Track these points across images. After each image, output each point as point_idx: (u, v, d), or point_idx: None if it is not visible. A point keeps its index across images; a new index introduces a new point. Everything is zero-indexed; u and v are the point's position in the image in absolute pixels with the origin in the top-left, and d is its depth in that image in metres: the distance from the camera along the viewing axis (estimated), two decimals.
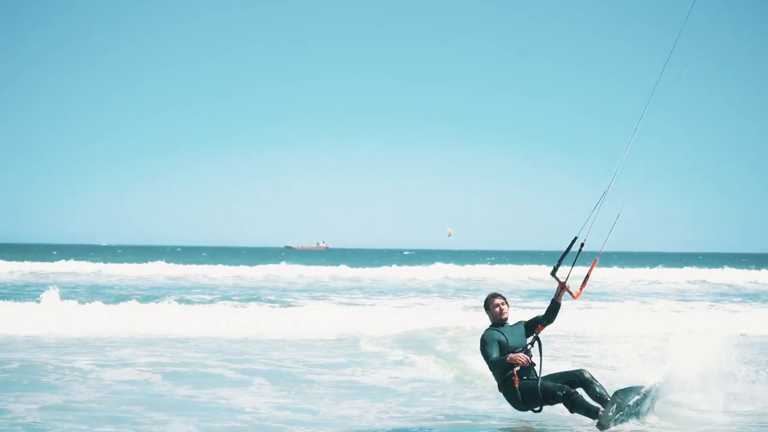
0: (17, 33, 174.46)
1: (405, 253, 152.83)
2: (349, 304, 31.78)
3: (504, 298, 10.26)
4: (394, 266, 61.02)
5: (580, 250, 10.16)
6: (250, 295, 35.28)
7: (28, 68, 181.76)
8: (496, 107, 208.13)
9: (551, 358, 17.11)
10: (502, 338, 9.93)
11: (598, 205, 10.21)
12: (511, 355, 9.71)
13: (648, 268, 62.96)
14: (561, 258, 10.14)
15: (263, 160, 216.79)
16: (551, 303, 10.12)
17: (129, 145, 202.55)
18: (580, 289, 9.99)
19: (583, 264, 10.23)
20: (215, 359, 16.63)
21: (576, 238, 10.17)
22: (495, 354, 9.81)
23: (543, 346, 10.10)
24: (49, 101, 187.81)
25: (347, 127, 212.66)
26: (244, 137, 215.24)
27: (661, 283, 53.96)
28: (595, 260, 10.17)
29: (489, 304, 10.24)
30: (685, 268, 64.73)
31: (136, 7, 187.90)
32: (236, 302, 30.42)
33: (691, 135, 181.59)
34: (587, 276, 10.17)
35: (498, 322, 10.13)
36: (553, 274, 10.10)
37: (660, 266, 65.37)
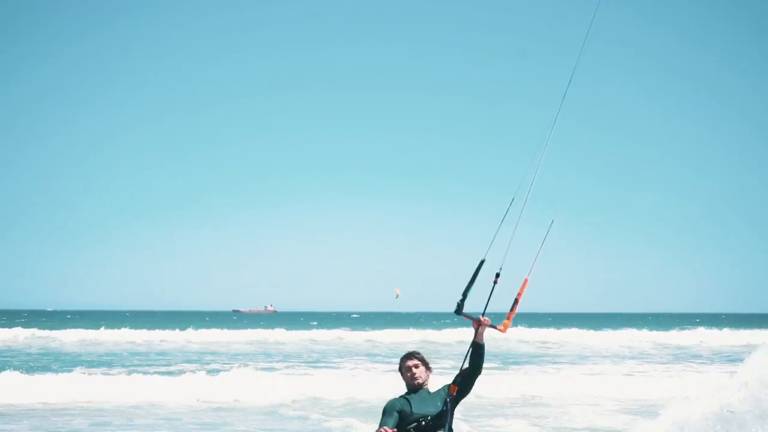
0: None
1: (353, 316, 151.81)
2: (305, 366, 31.43)
3: (420, 359, 8.16)
4: (348, 329, 60.68)
5: (495, 282, 7.93)
6: (207, 360, 34.77)
7: None
8: (441, 165, 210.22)
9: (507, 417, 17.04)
10: (405, 407, 7.88)
11: (504, 218, 7.98)
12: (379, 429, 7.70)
13: (595, 330, 63.18)
14: (466, 290, 7.88)
15: (208, 226, 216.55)
16: (471, 346, 7.91)
17: (72, 213, 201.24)
18: (508, 318, 7.84)
19: (502, 299, 8.03)
20: (165, 428, 16.27)
21: (483, 261, 7.99)
22: (388, 425, 7.75)
23: (455, 411, 7.99)
24: None
25: (291, 189, 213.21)
26: (189, 204, 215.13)
27: (611, 344, 54.02)
28: (525, 280, 7.99)
29: (401, 366, 8.16)
30: (629, 329, 64.95)
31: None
32: (195, 367, 29.83)
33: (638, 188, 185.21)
34: (516, 301, 7.96)
35: (412, 388, 8.06)
36: (458, 312, 7.83)
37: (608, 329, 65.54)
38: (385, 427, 7.56)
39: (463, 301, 7.72)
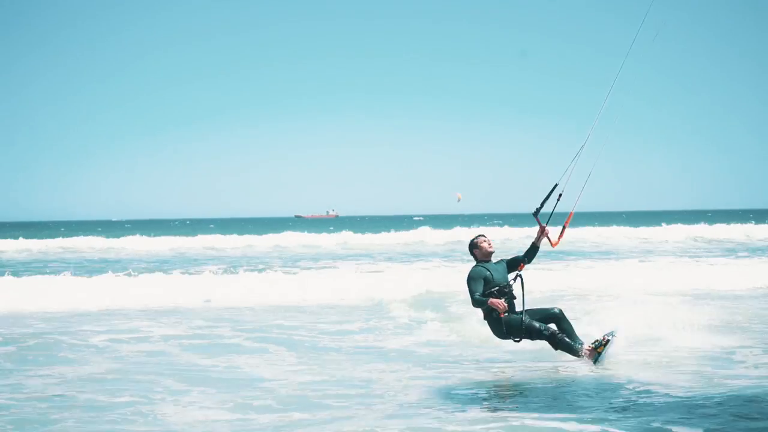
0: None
1: (415, 218, 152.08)
2: (366, 269, 31.32)
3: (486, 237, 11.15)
4: (412, 230, 59.81)
5: (558, 198, 10.94)
6: (262, 264, 34.86)
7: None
8: (497, 81, 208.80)
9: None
10: (488, 274, 10.68)
11: (577, 157, 10.90)
12: (492, 300, 10.42)
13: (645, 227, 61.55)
14: (543, 201, 10.93)
15: (272, 131, 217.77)
16: (531, 245, 11.12)
17: (143, 121, 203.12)
18: (558, 238, 11.05)
19: (562, 212, 11.08)
20: (229, 329, 16.27)
21: (557, 184, 10.96)
22: (480, 290, 10.56)
23: (525, 284, 10.87)
24: (52, 81, 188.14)
25: (354, 99, 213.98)
26: (251, 109, 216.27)
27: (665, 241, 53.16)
28: (570, 213, 11.06)
29: (477, 243, 11.05)
30: (678, 225, 63.03)
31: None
32: (246, 271, 29.72)
33: (676, 94, 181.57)
34: (563, 228, 11.23)
35: (485, 257, 10.96)
36: (535, 215, 10.95)
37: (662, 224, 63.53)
38: (501, 302, 10.40)
39: (540, 208, 10.87)
